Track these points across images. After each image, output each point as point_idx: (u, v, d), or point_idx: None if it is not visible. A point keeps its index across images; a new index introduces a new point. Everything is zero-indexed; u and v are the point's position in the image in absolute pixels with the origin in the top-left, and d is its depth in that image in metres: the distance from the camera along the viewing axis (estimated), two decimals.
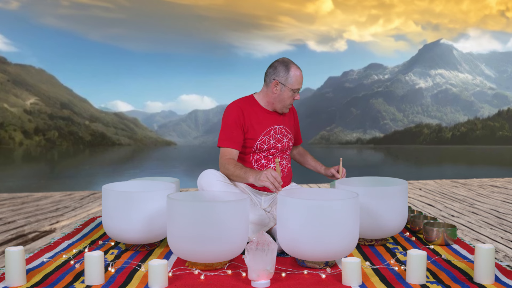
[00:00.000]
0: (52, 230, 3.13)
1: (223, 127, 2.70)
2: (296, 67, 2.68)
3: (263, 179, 2.32)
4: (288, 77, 2.64)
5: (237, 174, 2.50)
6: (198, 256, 2.07)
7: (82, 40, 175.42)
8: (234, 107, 2.71)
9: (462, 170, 18.42)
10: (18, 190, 6.98)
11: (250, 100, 2.77)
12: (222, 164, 2.60)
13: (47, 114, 71.79)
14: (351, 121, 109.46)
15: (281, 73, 2.66)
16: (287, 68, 2.65)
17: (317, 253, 2.06)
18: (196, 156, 38.14)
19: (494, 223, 3.29)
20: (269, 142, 2.72)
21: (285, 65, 2.66)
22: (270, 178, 2.30)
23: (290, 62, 2.70)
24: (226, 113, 2.72)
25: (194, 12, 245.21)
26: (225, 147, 2.65)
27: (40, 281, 1.95)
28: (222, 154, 2.65)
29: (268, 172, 2.31)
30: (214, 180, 2.55)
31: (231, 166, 2.54)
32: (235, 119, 2.66)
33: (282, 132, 2.78)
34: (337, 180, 2.72)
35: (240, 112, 2.68)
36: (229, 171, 2.55)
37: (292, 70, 2.65)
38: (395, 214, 2.49)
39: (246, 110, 2.70)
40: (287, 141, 2.81)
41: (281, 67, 2.66)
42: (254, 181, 2.40)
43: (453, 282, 1.93)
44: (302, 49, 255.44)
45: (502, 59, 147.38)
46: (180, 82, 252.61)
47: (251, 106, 2.73)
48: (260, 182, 2.34)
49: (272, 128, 2.74)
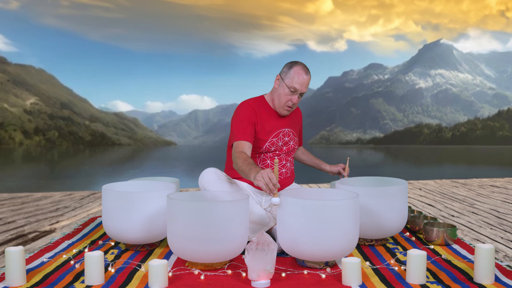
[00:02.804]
0: (52, 230, 3.13)
1: (236, 122, 2.62)
2: (301, 68, 2.64)
3: (258, 178, 2.14)
4: (288, 73, 2.63)
5: (243, 169, 2.35)
6: (198, 256, 2.07)
7: (82, 40, 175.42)
8: (247, 106, 2.69)
9: (462, 170, 18.41)
10: (18, 190, 6.98)
11: (261, 101, 2.76)
12: (234, 158, 2.48)
13: (47, 114, 71.76)
14: (351, 121, 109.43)
15: (284, 69, 2.67)
16: (291, 65, 2.65)
17: (317, 253, 2.06)
18: (196, 156, 38.12)
19: (494, 223, 3.29)
20: (277, 144, 2.71)
21: (292, 63, 2.67)
22: (265, 179, 2.11)
23: (300, 63, 2.67)
24: (239, 111, 2.68)
25: (194, 12, 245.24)
26: (238, 140, 2.56)
27: (40, 281, 1.95)
28: (234, 148, 2.55)
29: (264, 172, 2.13)
30: (215, 179, 2.55)
31: (240, 160, 2.40)
32: (248, 116, 2.63)
33: (290, 135, 2.78)
34: (337, 180, 2.72)
35: (253, 111, 2.66)
36: (237, 166, 2.42)
37: (295, 69, 2.63)
38: (395, 214, 2.49)
39: (259, 110, 2.68)
40: (293, 144, 2.81)
41: (287, 65, 2.68)
42: (253, 179, 2.24)
43: (453, 282, 1.93)
44: (302, 49, 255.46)
45: (502, 59, 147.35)
46: (180, 82, 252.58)
47: (262, 107, 2.72)
48: (255, 182, 2.17)
49: (281, 130, 2.73)
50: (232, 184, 2.59)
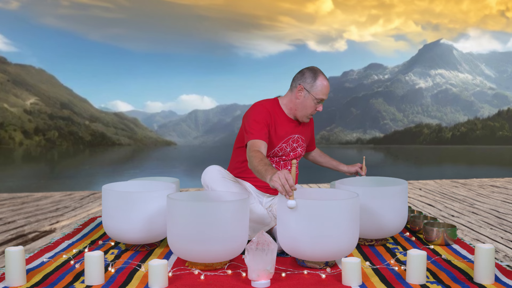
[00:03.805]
0: (52, 230, 3.13)
1: (251, 122, 2.57)
2: (324, 77, 2.64)
3: (274, 179, 2.07)
4: (314, 85, 2.61)
5: (258, 169, 2.26)
6: (198, 256, 2.07)
7: (82, 40, 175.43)
8: (263, 108, 2.65)
9: (462, 170, 18.41)
10: (18, 190, 6.98)
11: (275, 104, 2.72)
12: (249, 157, 2.40)
13: (47, 114, 71.77)
14: (351, 121, 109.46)
15: (308, 79, 2.62)
16: (314, 76, 2.62)
17: (317, 253, 2.06)
18: (196, 156, 38.13)
19: (494, 223, 3.29)
20: (285, 150, 2.70)
21: (314, 72, 2.63)
22: (282, 180, 2.04)
23: (319, 71, 2.66)
24: (253, 111, 2.63)
25: (194, 12, 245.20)
26: (253, 139, 2.50)
27: (40, 281, 1.95)
28: (250, 147, 2.48)
29: (281, 173, 2.06)
30: (218, 177, 2.54)
31: (256, 160, 2.31)
32: (264, 118, 2.59)
33: (298, 142, 2.77)
34: (337, 180, 2.72)
35: (268, 114, 2.62)
36: (252, 165, 2.34)
37: (320, 79, 2.61)
38: (395, 214, 2.49)
39: (274, 114, 2.66)
40: (301, 150, 2.80)
41: (309, 74, 2.63)
42: (269, 181, 2.15)
43: (453, 282, 1.93)
44: (302, 49, 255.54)
45: (502, 59, 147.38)
46: (180, 82, 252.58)
47: (277, 111, 2.69)
48: (272, 183, 2.10)
49: (291, 136, 2.71)
50: (235, 183, 2.58)
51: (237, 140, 2.79)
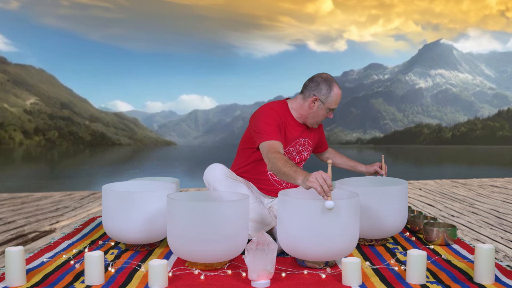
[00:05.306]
0: (52, 230, 3.13)
1: (262, 124, 2.53)
2: (338, 87, 2.64)
3: (311, 180, 2.01)
4: (329, 96, 2.61)
5: (285, 172, 2.20)
6: (198, 256, 2.07)
7: (82, 40, 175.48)
8: (273, 111, 2.62)
9: (462, 170, 18.41)
10: (18, 190, 6.98)
11: (285, 109, 2.70)
12: (270, 159, 2.34)
13: (47, 114, 71.78)
14: (351, 121, 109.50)
15: (323, 91, 2.61)
16: (330, 87, 2.61)
17: (317, 253, 2.06)
18: (196, 156, 38.14)
19: (494, 223, 3.29)
20: (291, 154, 2.71)
21: (328, 83, 2.62)
22: (320, 180, 1.99)
23: (333, 80, 2.66)
24: (263, 113, 2.60)
25: (194, 12, 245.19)
26: (269, 140, 2.45)
27: (40, 281, 1.95)
28: (268, 148, 2.41)
29: (318, 174, 2.01)
30: (221, 175, 2.54)
31: (281, 162, 2.26)
32: (275, 120, 2.57)
33: (305, 145, 2.77)
34: (338, 180, 2.72)
35: (278, 117, 2.60)
36: (277, 167, 2.28)
37: (334, 90, 2.62)
38: (395, 214, 2.49)
39: (283, 118, 2.65)
40: (307, 154, 2.81)
41: (324, 85, 2.62)
42: (302, 182, 2.09)
43: (453, 282, 1.93)
44: (302, 49, 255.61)
45: (502, 59, 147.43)
46: (180, 82, 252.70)
47: (287, 115, 2.68)
48: (308, 184, 2.03)
49: (298, 141, 2.72)
50: (237, 182, 2.58)
51: (243, 141, 2.77)
